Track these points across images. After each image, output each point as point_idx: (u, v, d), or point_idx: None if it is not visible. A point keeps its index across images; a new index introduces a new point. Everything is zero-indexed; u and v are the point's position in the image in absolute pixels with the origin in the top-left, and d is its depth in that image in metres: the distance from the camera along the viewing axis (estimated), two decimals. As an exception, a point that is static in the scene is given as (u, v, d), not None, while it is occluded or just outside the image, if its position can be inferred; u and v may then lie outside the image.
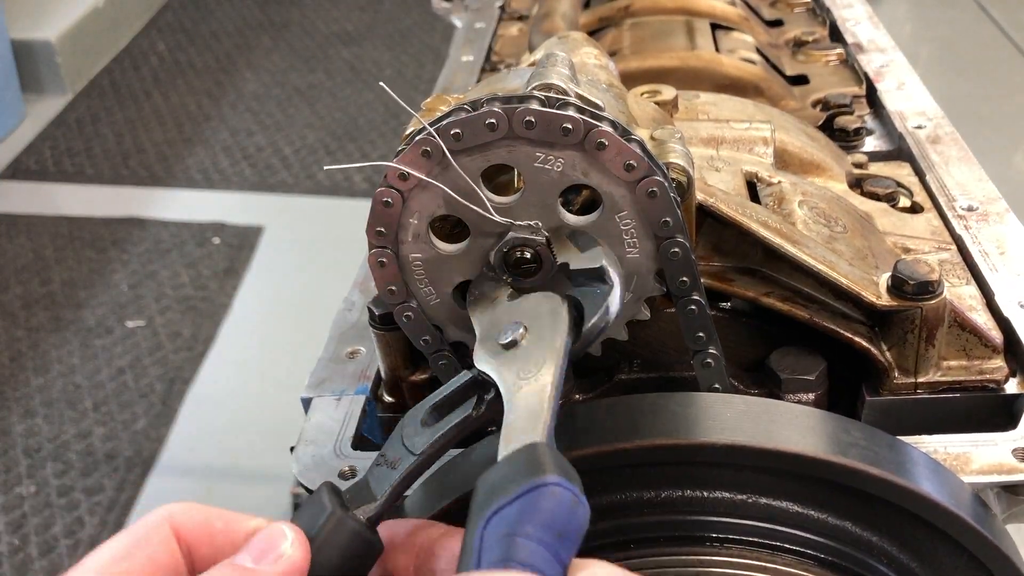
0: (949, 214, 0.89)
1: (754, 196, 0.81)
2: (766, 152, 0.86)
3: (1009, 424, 0.72)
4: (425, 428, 0.57)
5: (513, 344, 0.57)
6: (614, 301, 0.60)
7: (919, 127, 1.06)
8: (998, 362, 0.74)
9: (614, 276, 0.61)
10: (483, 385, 0.57)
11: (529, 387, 0.54)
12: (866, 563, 0.63)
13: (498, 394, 0.55)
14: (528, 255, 0.62)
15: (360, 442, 0.77)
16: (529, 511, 0.44)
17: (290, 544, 0.51)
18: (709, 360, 0.69)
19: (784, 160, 0.88)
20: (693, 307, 0.66)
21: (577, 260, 0.61)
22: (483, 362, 0.57)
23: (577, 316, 0.60)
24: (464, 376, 0.58)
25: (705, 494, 0.63)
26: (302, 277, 2.72)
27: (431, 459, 0.56)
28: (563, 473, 0.45)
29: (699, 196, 0.71)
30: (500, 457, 0.49)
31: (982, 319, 0.75)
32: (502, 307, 0.62)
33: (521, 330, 0.58)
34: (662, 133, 0.69)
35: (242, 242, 2.86)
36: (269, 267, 2.80)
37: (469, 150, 0.60)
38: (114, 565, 0.51)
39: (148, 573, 0.51)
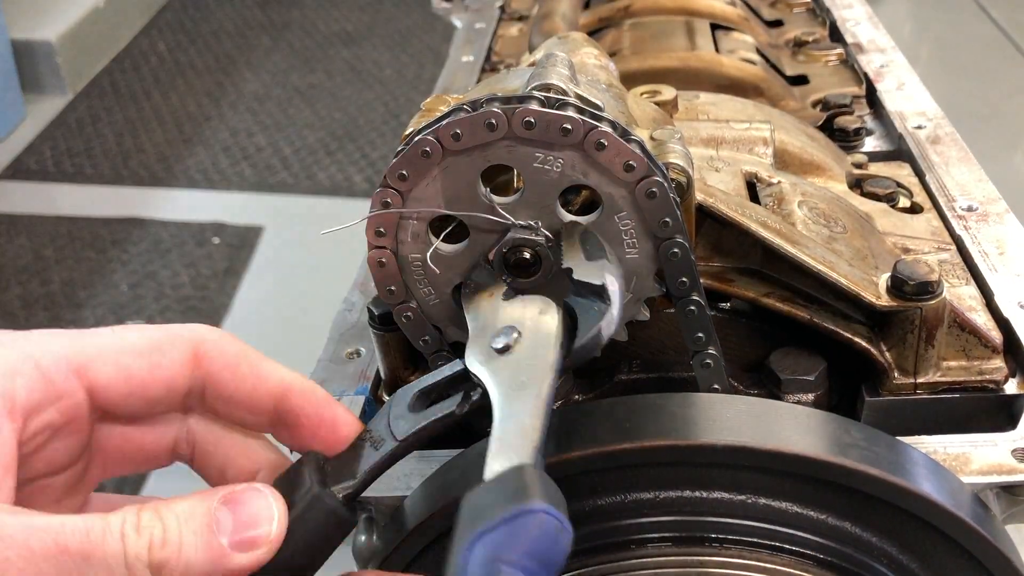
0: (949, 214, 0.89)
1: (754, 196, 0.81)
2: (766, 152, 0.86)
3: (1008, 425, 0.72)
4: (411, 413, 0.57)
5: (506, 349, 0.56)
6: (609, 323, 0.58)
7: (919, 127, 1.06)
8: (998, 362, 0.74)
9: (615, 295, 0.58)
10: (471, 380, 0.57)
11: (520, 401, 0.53)
12: (866, 563, 0.63)
13: (485, 394, 0.55)
14: (528, 255, 0.62)
15: (360, 442, 0.77)
16: (514, 537, 0.43)
17: (275, 527, 0.50)
18: (709, 361, 0.69)
19: (784, 160, 0.88)
20: (693, 307, 0.66)
21: (582, 270, 0.59)
22: (474, 363, 0.57)
23: (571, 325, 0.59)
24: (456, 365, 0.58)
25: (705, 495, 0.63)
26: (302, 277, 2.72)
27: (412, 447, 0.57)
28: (550, 499, 0.44)
29: (699, 196, 0.71)
30: (487, 472, 0.49)
31: (982, 319, 0.75)
32: (497, 305, 0.61)
33: (515, 335, 0.57)
34: (662, 133, 0.69)
35: (242, 242, 2.86)
36: (269, 267, 2.80)
37: (469, 150, 0.60)
38: (123, 353, 0.52)
39: (152, 376, 0.52)
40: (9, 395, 0.49)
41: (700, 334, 0.68)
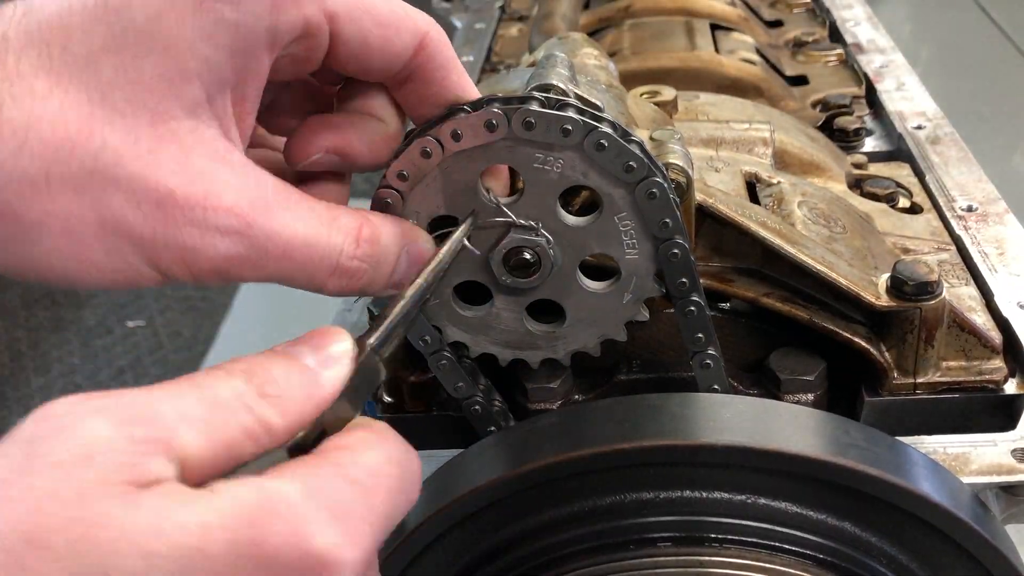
0: (948, 215, 0.89)
1: (754, 197, 0.81)
2: (766, 153, 0.86)
3: (1008, 425, 0.72)
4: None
5: None
6: None
7: (918, 127, 1.06)
8: (997, 363, 0.74)
9: None
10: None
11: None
12: (865, 563, 0.63)
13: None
14: (528, 256, 0.63)
15: (360, 442, 0.77)
16: None
17: (348, 344, 0.51)
18: (708, 361, 0.69)
19: (784, 161, 0.88)
20: (692, 308, 0.66)
21: None
22: None
23: None
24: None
25: (704, 495, 0.63)
26: (302, 277, 2.72)
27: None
28: None
29: (698, 197, 0.71)
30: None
31: (981, 320, 0.75)
32: None
33: None
34: (661, 134, 0.69)
35: (242, 242, 2.86)
36: (269, 267, 2.80)
37: (469, 150, 0.60)
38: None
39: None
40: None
41: (700, 334, 0.68)
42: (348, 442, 0.47)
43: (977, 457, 0.68)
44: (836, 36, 1.32)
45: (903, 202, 0.93)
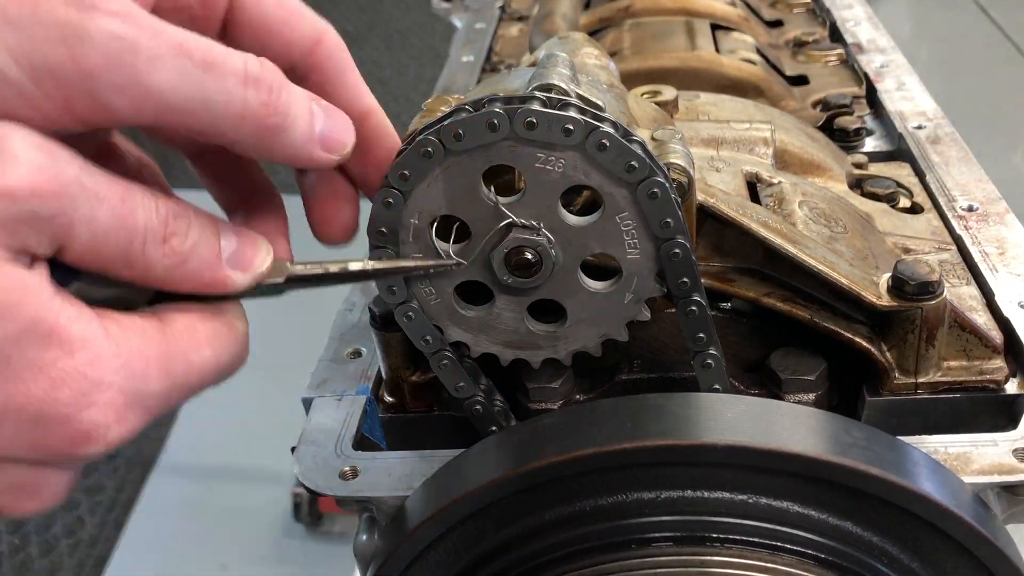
0: (949, 214, 0.89)
1: (754, 196, 0.81)
2: (766, 152, 0.86)
3: (1009, 424, 0.72)
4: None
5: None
6: None
7: (919, 127, 1.06)
8: (998, 362, 0.74)
9: None
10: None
11: None
12: (867, 563, 0.63)
13: None
14: (529, 256, 0.63)
15: (361, 442, 0.77)
16: None
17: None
18: (709, 361, 0.69)
19: (784, 160, 0.88)
20: (693, 308, 0.66)
21: None
22: None
23: None
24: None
25: (705, 494, 0.63)
26: (302, 277, 2.71)
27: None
28: None
29: (700, 197, 0.71)
30: None
31: (982, 319, 0.75)
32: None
33: None
34: (663, 134, 0.69)
35: (242, 242, 2.86)
36: (269, 267, 2.79)
37: (470, 150, 0.60)
38: None
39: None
40: None
41: (701, 334, 0.68)
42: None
43: (978, 457, 0.68)
44: (836, 36, 1.32)
45: (904, 202, 0.93)
